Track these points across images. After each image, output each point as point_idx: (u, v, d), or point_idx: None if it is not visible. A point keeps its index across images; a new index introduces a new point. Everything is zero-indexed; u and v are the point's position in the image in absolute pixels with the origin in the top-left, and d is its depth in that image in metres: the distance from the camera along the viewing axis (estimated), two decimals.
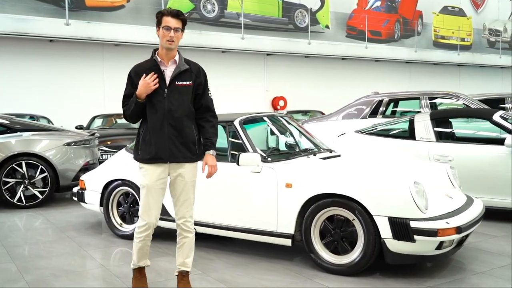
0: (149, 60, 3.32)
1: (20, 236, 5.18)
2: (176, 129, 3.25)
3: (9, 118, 7.09)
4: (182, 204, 3.37)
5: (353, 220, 3.78)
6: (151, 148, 3.26)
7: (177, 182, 3.34)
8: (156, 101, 3.24)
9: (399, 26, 20.62)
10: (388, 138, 6.32)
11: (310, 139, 4.99)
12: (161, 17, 3.24)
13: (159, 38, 3.25)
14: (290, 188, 4.00)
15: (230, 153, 4.44)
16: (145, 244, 3.42)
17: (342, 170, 4.05)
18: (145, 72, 3.24)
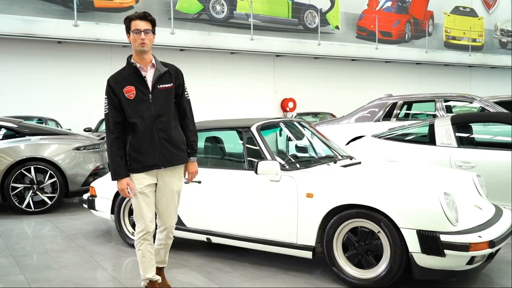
0: (126, 68, 3.24)
1: (28, 244, 5.02)
2: (165, 133, 3.23)
3: (17, 122, 6.95)
4: (171, 213, 3.40)
5: (378, 233, 3.58)
6: (143, 156, 3.20)
7: (169, 189, 3.34)
8: (143, 108, 3.17)
9: (410, 27, 20.39)
10: (406, 143, 6.11)
11: (329, 145, 4.80)
12: (129, 22, 3.19)
13: (131, 43, 3.19)
14: (311, 198, 3.82)
15: (248, 161, 4.25)
16: (147, 251, 3.33)
17: (366, 179, 3.86)
18: (126, 79, 3.18)
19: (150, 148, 3.20)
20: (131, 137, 3.19)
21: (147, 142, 3.19)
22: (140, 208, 3.27)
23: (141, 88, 3.19)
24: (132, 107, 3.16)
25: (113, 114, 3.17)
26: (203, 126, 4.71)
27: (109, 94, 3.18)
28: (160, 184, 3.31)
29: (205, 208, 4.34)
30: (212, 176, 4.37)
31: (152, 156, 3.21)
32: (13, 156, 6.38)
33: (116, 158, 3.16)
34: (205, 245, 4.70)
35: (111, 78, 3.21)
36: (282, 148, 4.70)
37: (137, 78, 3.20)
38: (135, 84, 3.19)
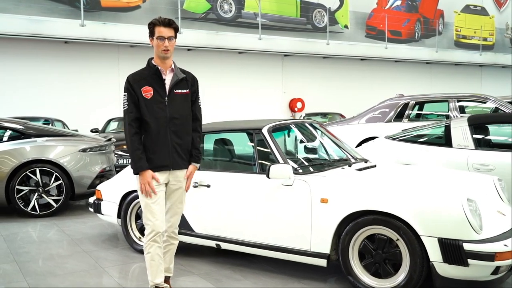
0: (146, 69, 3.30)
1: (33, 249, 4.89)
2: (178, 136, 3.27)
3: (23, 123, 6.83)
4: (176, 214, 3.40)
5: (397, 240, 3.41)
6: (154, 156, 3.23)
7: (176, 191, 3.35)
8: (158, 109, 3.22)
9: (420, 26, 20.15)
10: (421, 145, 5.92)
11: (343, 147, 4.63)
12: (153, 27, 3.23)
13: (154, 48, 3.25)
14: (325, 203, 3.65)
15: (259, 164, 4.09)
16: (156, 254, 3.25)
17: (384, 184, 3.68)
18: (145, 80, 3.22)
19: (162, 149, 3.24)
20: (144, 136, 3.24)
21: (160, 142, 3.24)
22: (151, 210, 3.22)
23: (159, 90, 3.25)
24: (148, 106, 3.21)
25: (133, 110, 3.21)
26: (212, 128, 4.55)
27: (129, 91, 3.22)
28: (172, 184, 3.33)
29: (215, 213, 4.19)
30: (222, 179, 4.21)
31: (163, 157, 3.24)
32: (18, 158, 6.26)
33: (137, 152, 3.18)
34: (214, 250, 4.54)
35: (131, 76, 3.26)
36: (294, 150, 4.53)
37: (156, 80, 3.26)
38: (153, 85, 3.24)
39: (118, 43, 13.86)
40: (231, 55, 16.08)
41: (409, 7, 20.17)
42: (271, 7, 16.61)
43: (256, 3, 16.22)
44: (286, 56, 17.13)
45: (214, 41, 15.16)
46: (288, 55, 17.01)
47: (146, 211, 3.24)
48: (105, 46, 13.93)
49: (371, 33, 18.90)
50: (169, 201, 3.35)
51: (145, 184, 3.18)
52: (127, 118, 3.20)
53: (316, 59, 17.60)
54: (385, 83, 18.88)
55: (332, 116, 15.00)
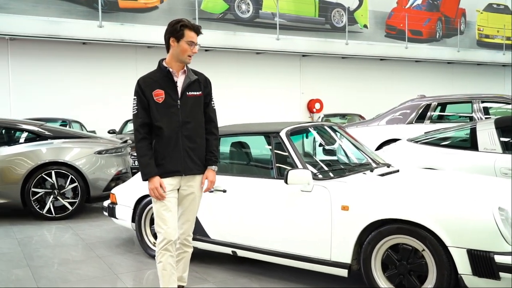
0: (157, 71, 3.17)
1: (47, 254, 4.81)
2: (190, 140, 3.15)
3: (39, 125, 6.78)
4: (188, 220, 3.28)
5: (422, 251, 3.23)
6: (166, 161, 3.12)
7: (188, 197, 3.23)
8: (170, 113, 3.11)
9: (441, 25, 19.78)
10: (445, 148, 5.71)
11: (364, 151, 4.45)
12: (184, 30, 3.08)
13: (176, 50, 3.10)
14: (346, 211, 3.48)
15: (277, 169, 3.94)
16: (168, 264, 3.12)
17: (409, 191, 3.49)
18: (156, 82, 3.11)
19: (174, 154, 3.12)
20: (155, 141, 3.12)
21: (171, 147, 3.12)
22: (162, 214, 3.10)
23: (171, 93, 3.12)
24: (159, 111, 3.09)
25: (142, 115, 3.09)
26: (229, 131, 4.42)
27: (139, 95, 3.11)
28: (183, 189, 3.21)
29: (231, 219, 4.05)
30: (238, 184, 4.07)
31: (175, 162, 3.12)
32: (34, 160, 6.21)
33: (145, 157, 3.07)
34: (231, 257, 4.41)
35: (142, 79, 3.14)
36: (313, 155, 4.36)
37: (168, 83, 3.13)
38: (165, 89, 3.12)
39: (136, 44, 13.84)
40: (248, 55, 15.96)
41: (430, 6, 19.81)
42: (289, 7, 16.44)
43: (274, 3, 16.07)
44: (304, 56, 16.95)
45: (232, 41, 15.05)
46: (306, 55, 16.83)
47: (158, 218, 3.12)
48: (123, 47, 13.93)
49: (391, 33, 18.61)
50: (181, 207, 3.23)
51: (153, 189, 3.06)
52: (136, 123, 3.11)
53: (335, 59, 17.38)
54: (405, 84, 18.58)
55: (351, 117, 14.78)
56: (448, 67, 19.97)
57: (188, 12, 14.50)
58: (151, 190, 3.07)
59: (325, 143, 4.55)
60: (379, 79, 18.27)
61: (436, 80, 19.25)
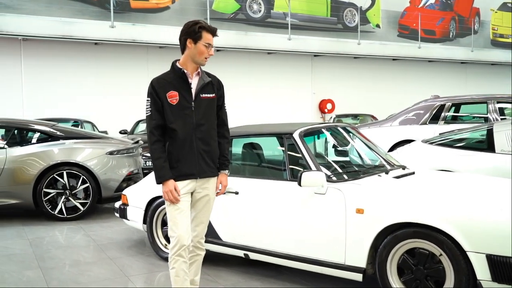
0: (171, 72, 3.11)
1: (58, 255, 4.79)
2: (204, 143, 3.10)
3: (51, 125, 6.78)
4: (202, 222, 3.23)
5: (440, 256, 3.14)
6: (180, 164, 3.06)
7: (202, 199, 3.17)
8: (184, 115, 3.05)
9: (455, 24, 19.56)
10: (461, 150, 5.61)
11: (379, 153, 4.37)
12: (202, 31, 3.04)
13: (193, 51, 3.05)
14: (361, 214, 3.41)
15: (290, 170, 3.88)
16: (181, 270, 3.06)
17: (425, 194, 3.41)
18: (170, 84, 3.05)
19: (188, 156, 3.06)
20: (169, 143, 3.06)
21: (186, 150, 3.06)
22: (177, 221, 3.03)
23: (185, 94, 3.06)
24: (173, 112, 3.03)
25: (155, 117, 3.03)
26: (241, 132, 4.36)
27: (153, 96, 3.04)
28: (198, 192, 3.16)
29: (243, 221, 3.99)
30: (251, 186, 4.02)
31: (189, 164, 3.07)
32: (46, 160, 6.21)
33: (159, 160, 3.01)
34: (243, 260, 4.35)
35: (155, 80, 3.07)
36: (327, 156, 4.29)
37: (182, 84, 3.07)
38: (179, 90, 3.05)
39: (147, 44, 13.85)
40: (260, 55, 15.91)
41: (444, 5, 19.60)
42: (301, 6, 16.36)
43: (285, 2, 16.00)
44: (316, 56, 16.85)
45: (243, 41, 15.01)
46: (318, 55, 16.73)
47: (171, 222, 3.05)
48: (134, 47, 13.95)
49: (403, 32, 18.44)
50: (194, 210, 3.18)
51: (168, 192, 2.99)
52: (149, 125, 3.05)
53: (347, 59, 17.26)
54: (418, 84, 18.40)
55: (363, 117, 14.66)
56: (461, 67, 19.75)
57: (199, 12, 14.48)
58: (166, 193, 3.00)
59: (338, 145, 4.48)
60: (391, 79, 18.12)
61: (449, 81, 19.05)
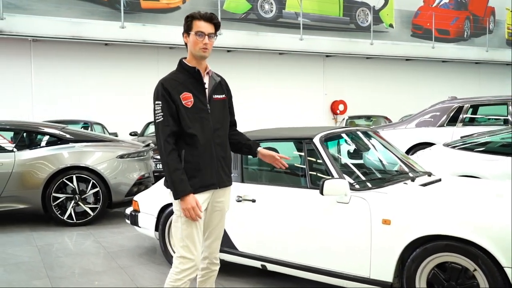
0: (181, 71, 2.80)
1: (67, 263, 4.63)
2: (223, 149, 2.87)
3: (60, 128, 6.64)
4: (218, 238, 2.98)
5: (474, 271, 2.93)
6: (201, 174, 2.76)
7: (218, 212, 2.92)
8: (201, 118, 2.76)
9: (469, 24, 19.24)
10: (485, 154, 5.37)
11: (403, 159, 4.15)
12: (192, 22, 2.76)
13: (189, 45, 2.78)
14: (388, 225, 3.20)
15: (310, 177, 3.67)
16: None
17: (457, 204, 3.19)
18: (182, 85, 2.74)
19: (209, 164, 2.79)
20: (187, 151, 2.73)
21: (206, 158, 2.77)
22: (194, 239, 2.73)
23: (199, 96, 2.78)
24: (190, 116, 2.72)
25: (169, 122, 2.68)
26: (257, 136, 4.16)
27: (166, 99, 2.69)
28: (215, 204, 2.89)
29: (260, 231, 3.80)
30: (269, 194, 3.82)
31: (210, 174, 2.79)
32: (55, 164, 6.06)
33: (177, 172, 2.66)
34: (259, 271, 4.15)
35: (166, 81, 2.74)
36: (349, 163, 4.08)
37: (195, 85, 2.79)
38: (192, 91, 2.76)
39: (158, 45, 13.71)
40: (271, 56, 15.72)
41: (458, 4, 19.29)
42: (312, 6, 16.14)
43: (297, 2, 15.79)
44: (328, 56, 16.63)
45: (254, 41, 14.82)
46: (330, 55, 16.50)
47: (189, 241, 2.71)
48: (145, 48, 13.81)
49: (417, 32, 18.16)
50: (209, 224, 2.90)
51: (190, 210, 2.64)
52: (163, 132, 2.67)
53: (359, 59, 17.02)
54: (432, 85, 18.12)
55: (376, 119, 14.41)
56: (475, 67, 19.42)
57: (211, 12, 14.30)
58: (187, 210, 2.64)
59: (360, 150, 4.27)
60: (404, 80, 17.85)
61: (463, 81, 18.74)
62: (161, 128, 2.67)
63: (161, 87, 2.69)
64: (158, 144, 2.70)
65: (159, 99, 2.69)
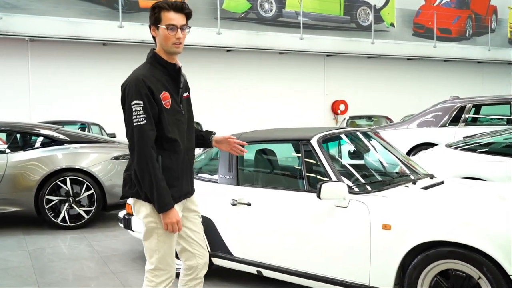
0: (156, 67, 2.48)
1: (58, 269, 4.49)
2: (192, 152, 2.67)
3: (55, 129, 6.50)
4: (202, 242, 2.73)
5: (478, 279, 2.79)
6: (179, 183, 2.53)
7: (194, 217, 2.71)
8: (178, 121, 2.52)
9: (471, 23, 19.09)
10: (489, 156, 5.23)
11: (404, 161, 4.01)
12: (160, 13, 2.44)
13: (159, 40, 2.48)
14: (388, 230, 3.06)
15: (307, 180, 3.53)
16: None
17: (460, 208, 3.05)
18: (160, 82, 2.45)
19: (187, 172, 2.60)
20: (165, 158, 2.46)
21: (185, 165, 2.58)
22: (172, 250, 2.55)
23: (175, 95, 2.52)
24: (169, 119, 2.46)
25: (152, 126, 2.39)
26: (253, 137, 4.03)
27: (148, 98, 2.37)
28: (188, 211, 2.67)
29: (256, 235, 3.66)
30: (264, 197, 3.69)
31: (186, 181, 2.60)
32: (49, 165, 5.92)
33: (163, 183, 2.39)
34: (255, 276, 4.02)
35: (146, 77, 2.40)
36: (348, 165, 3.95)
37: (171, 83, 2.51)
38: (169, 90, 2.49)
39: None
40: (271, 55, 15.57)
41: (460, 3, 19.14)
42: (313, 5, 16.00)
43: (297, 1, 15.66)
44: (329, 56, 16.48)
45: (254, 41, 14.68)
46: (331, 55, 16.36)
47: (167, 254, 2.51)
48: (143, 47, 13.64)
49: (418, 31, 18.01)
50: (190, 232, 2.65)
51: (175, 224, 2.43)
52: (148, 138, 2.36)
53: (360, 59, 16.87)
54: (433, 84, 17.97)
55: (377, 119, 14.27)
56: (478, 66, 19.26)
57: (209, 11, 14.19)
58: (172, 224, 2.42)
59: (360, 152, 4.13)
60: (406, 80, 17.70)
61: (465, 81, 18.58)
62: (144, 132, 2.36)
63: (142, 84, 2.37)
64: (139, 152, 2.36)
65: (141, 98, 2.36)
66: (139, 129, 2.36)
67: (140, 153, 2.37)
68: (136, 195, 2.50)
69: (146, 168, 2.37)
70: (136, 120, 2.36)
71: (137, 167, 2.40)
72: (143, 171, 2.38)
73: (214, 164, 4.24)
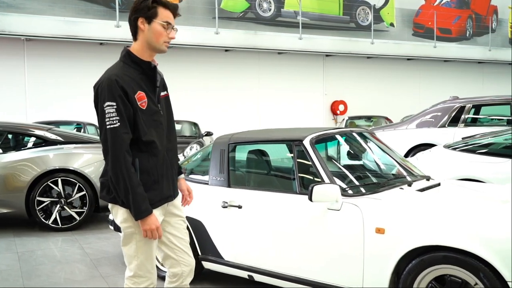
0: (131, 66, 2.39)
1: (46, 272, 4.39)
2: (173, 155, 2.56)
3: (47, 129, 6.40)
4: (187, 248, 2.63)
5: (475, 285, 2.69)
6: (159, 186, 2.43)
7: (178, 222, 2.61)
8: (155, 122, 2.42)
9: (471, 23, 18.99)
10: (488, 157, 5.12)
11: (400, 162, 3.91)
12: (157, 8, 2.37)
13: (148, 35, 2.38)
14: (382, 234, 2.96)
15: (299, 182, 3.43)
16: None
17: (457, 211, 2.94)
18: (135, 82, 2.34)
19: (167, 175, 2.49)
20: (143, 160, 2.36)
21: (165, 167, 2.47)
22: (152, 256, 2.46)
23: (151, 95, 2.42)
24: (146, 120, 2.36)
25: (127, 129, 2.28)
26: (245, 138, 3.93)
27: (122, 100, 2.26)
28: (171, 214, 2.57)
29: (247, 239, 3.56)
30: (256, 199, 3.58)
31: (167, 184, 2.49)
32: (40, 166, 5.82)
33: (140, 189, 2.29)
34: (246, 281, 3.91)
35: (119, 77, 2.29)
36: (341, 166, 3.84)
37: (146, 82, 2.41)
38: (145, 90, 2.39)
39: None
40: (270, 55, 15.48)
41: (460, 3, 19.04)
42: (312, 5, 15.91)
43: (296, 1, 15.56)
44: (328, 56, 16.38)
45: (252, 41, 14.58)
46: (330, 55, 16.26)
47: (147, 261, 2.42)
48: None
49: (418, 31, 17.92)
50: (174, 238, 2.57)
51: (154, 230, 2.33)
52: (123, 141, 2.25)
53: (360, 59, 16.77)
54: (433, 85, 17.87)
55: (376, 119, 14.18)
56: (478, 67, 19.16)
57: (207, 10, 14.09)
58: (151, 231, 2.32)
59: (354, 153, 4.03)
60: (406, 80, 17.60)
61: (466, 81, 18.48)
62: (118, 136, 2.25)
63: (115, 85, 2.26)
64: (113, 157, 2.26)
65: (114, 100, 2.25)
66: (112, 132, 2.25)
67: (114, 158, 2.27)
68: (114, 200, 2.40)
69: (120, 174, 2.26)
70: (109, 123, 2.25)
71: (111, 172, 2.29)
72: (117, 177, 2.27)
73: (207, 165, 4.14)
